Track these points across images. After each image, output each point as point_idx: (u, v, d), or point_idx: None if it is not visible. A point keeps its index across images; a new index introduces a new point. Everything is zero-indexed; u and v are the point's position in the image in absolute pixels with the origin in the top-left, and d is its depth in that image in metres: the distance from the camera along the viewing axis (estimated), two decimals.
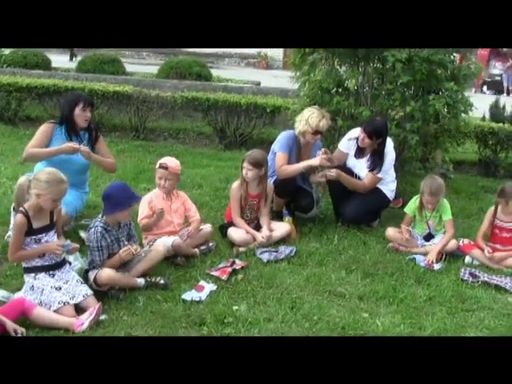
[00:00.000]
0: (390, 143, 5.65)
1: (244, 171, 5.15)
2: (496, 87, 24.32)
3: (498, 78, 25.07)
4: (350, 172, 5.67)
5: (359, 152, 5.69)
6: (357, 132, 5.63)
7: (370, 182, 5.62)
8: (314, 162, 5.42)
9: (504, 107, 10.54)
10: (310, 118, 5.42)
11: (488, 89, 24.34)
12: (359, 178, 5.69)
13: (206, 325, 3.78)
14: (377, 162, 5.58)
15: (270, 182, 5.42)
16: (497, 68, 25.07)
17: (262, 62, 26.48)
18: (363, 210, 5.60)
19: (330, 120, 5.69)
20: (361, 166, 5.66)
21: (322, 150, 5.42)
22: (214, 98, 9.04)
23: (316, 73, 6.25)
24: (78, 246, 4.16)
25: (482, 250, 5.12)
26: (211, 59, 25.82)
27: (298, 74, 6.74)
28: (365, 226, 5.72)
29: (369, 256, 5.04)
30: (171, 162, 5.03)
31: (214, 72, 14.63)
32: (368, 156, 5.64)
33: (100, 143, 5.44)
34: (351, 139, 5.70)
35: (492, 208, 5.28)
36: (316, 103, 6.17)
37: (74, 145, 4.99)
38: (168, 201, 4.97)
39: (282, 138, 5.61)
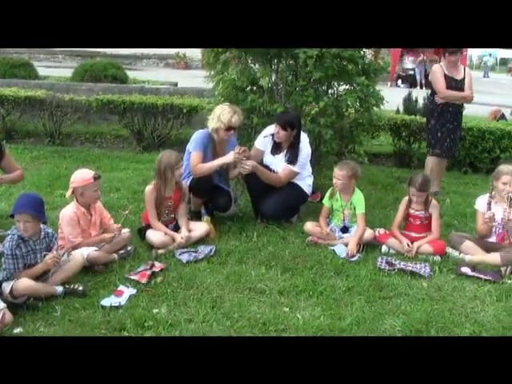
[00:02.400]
0: (305, 138, 5.72)
1: None
2: (410, 80, 25.18)
3: (411, 72, 25.96)
4: (267, 169, 5.70)
5: (276, 148, 5.74)
6: (272, 129, 5.67)
7: (285, 176, 5.66)
8: (228, 159, 5.43)
9: (416, 100, 10.84)
10: (221, 115, 5.42)
11: (402, 82, 25.21)
12: None
13: (126, 330, 3.72)
14: (294, 156, 5.65)
15: (186, 182, 5.40)
16: (410, 62, 25.93)
17: (181, 63, 26.34)
18: (282, 206, 5.65)
19: (243, 117, 5.72)
20: (277, 163, 5.70)
21: (237, 148, 5.44)
22: (129, 100, 8.91)
23: (229, 71, 6.25)
24: None
25: (398, 239, 5.27)
26: (129, 61, 25.51)
27: (212, 73, 6.73)
28: (284, 222, 5.78)
29: (288, 251, 5.09)
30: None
31: (133, 74, 14.42)
32: (285, 151, 5.69)
33: (6, 158, 5.26)
34: (267, 136, 5.74)
35: (406, 198, 5.43)
36: (231, 101, 6.16)
37: None
38: (89, 215, 4.84)
39: (196, 137, 5.59)
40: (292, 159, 5.63)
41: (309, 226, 5.43)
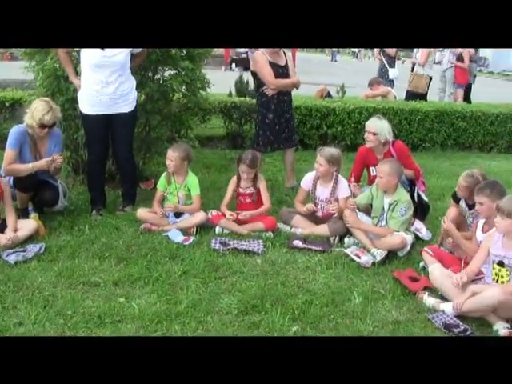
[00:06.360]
0: None
1: None
2: (244, 64, 25.64)
3: (244, 56, 26.46)
4: None
5: None
6: None
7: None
8: (41, 165, 5.20)
9: (247, 82, 11.05)
10: (34, 111, 5.15)
11: (236, 66, 25.62)
12: None
13: None
14: None
15: (9, 178, 5.14)
16: None
17: (6, 54, 24.86)
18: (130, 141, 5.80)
19: (68, 106, 5.56)
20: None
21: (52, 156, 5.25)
22: None
23: (49, 61, 5.98)
24: None
25: (226, 216, 5.38)
26: None
27: (32, 63, 6.41)
28: (117, 211, 5.74)
29: (122, 241, 5.02)
30: None
31: None
32: None
33: None
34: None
35: (234, 177, 5.55)
36: (53, 92, 5.94)
37: None
38: None
39: (12, 133, 5.26)
40: None
41: (141, 212, 5.40)
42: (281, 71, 6.53)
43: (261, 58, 6.52)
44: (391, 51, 12.08)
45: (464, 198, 5.03)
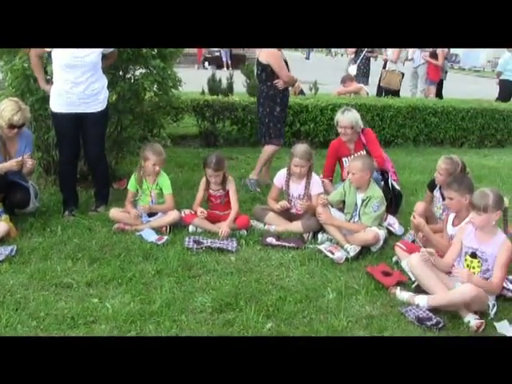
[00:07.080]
0: None
1: None
2: (217, 62, 25.71)
3: (217, 54, 26.56)
4: None
5: None
6: None
7: None
8: (11, 166, 5.13)
9: (220, 80, 11.02)
10: (3, 111, 5.08)
11: (209, 64, 25.63)
12: None
13: None
14: None
15: None
16: None
17: None
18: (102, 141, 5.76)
19: (38, 106, 5.51)
20: None
21: (21, 157, 5.18)
22: None
23: (18, 60, 5.90)
24: None
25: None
26: None
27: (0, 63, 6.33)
28: (90, 212, 5.69)
29: (95, 241, 4.98)
30: None
31: None
32: None
33: None
34: None
35: (204, 178, 5.53)
36: (23, 92, 5.87)
37: None
38: None
39: None
40: None
41: (114, 212, 5.36)
42: (287, 67, 6.78)
43: (277, 53, 6.66)
44: (350, 50, 12.45)
45: (441, 184, 5.02)
